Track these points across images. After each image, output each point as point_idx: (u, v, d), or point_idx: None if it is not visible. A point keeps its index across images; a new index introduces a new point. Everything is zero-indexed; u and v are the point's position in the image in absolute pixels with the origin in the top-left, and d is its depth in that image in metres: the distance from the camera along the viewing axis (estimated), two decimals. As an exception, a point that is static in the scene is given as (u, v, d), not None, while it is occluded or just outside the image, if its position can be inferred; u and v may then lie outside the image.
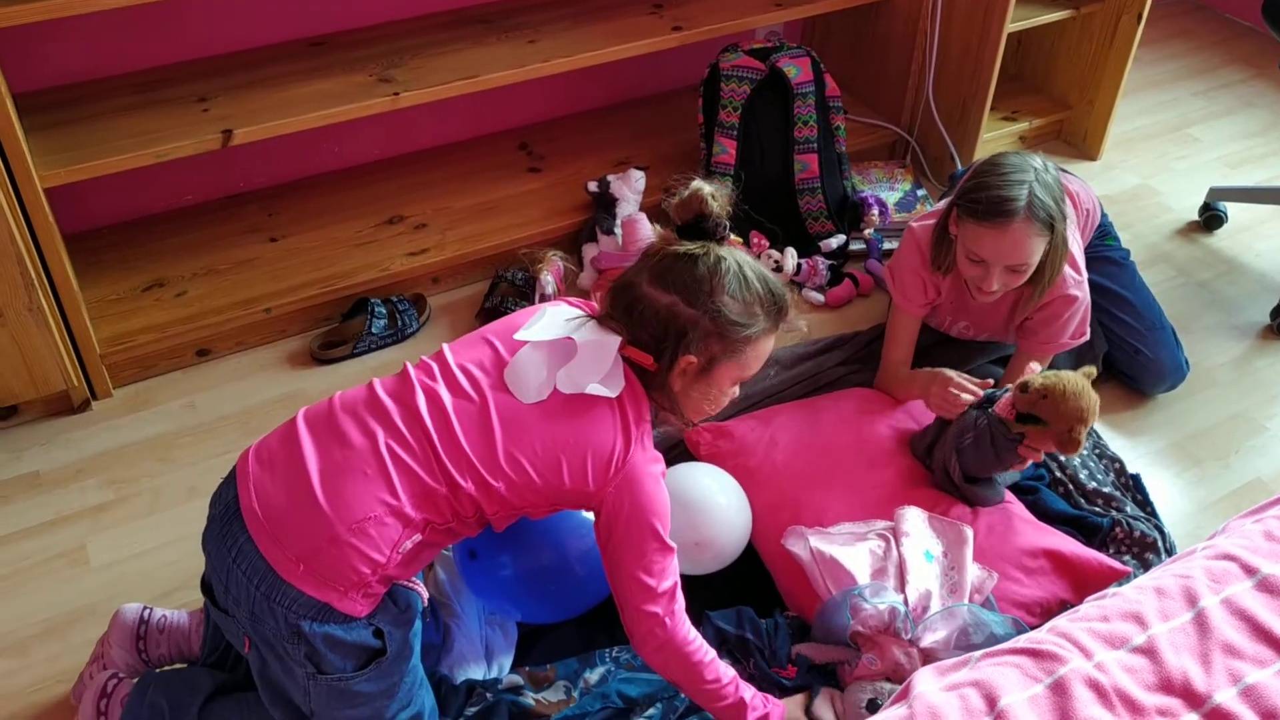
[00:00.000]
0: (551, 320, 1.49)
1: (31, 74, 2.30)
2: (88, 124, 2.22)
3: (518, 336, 1.48)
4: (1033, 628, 1.79)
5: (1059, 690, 1.10)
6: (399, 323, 2.45)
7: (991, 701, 1.10)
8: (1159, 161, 3.13)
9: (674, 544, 1.48)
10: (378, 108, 2.33)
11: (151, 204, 2.61)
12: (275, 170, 2.71)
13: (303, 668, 1.41)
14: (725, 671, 1.53)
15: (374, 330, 2.41)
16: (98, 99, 2.30)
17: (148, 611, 1.73)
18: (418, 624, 1.51)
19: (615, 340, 1.45)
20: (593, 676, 1.76)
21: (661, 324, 1.44)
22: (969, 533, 1.84)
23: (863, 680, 1.65)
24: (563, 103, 3.01)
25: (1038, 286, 1.99)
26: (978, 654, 1.20)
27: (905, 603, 1.71)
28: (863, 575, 1.74)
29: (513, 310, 2.45)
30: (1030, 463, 1.95)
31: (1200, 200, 2.90)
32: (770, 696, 1.59)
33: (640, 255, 1.50)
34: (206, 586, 1.51)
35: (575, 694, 1.74)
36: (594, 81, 2.95)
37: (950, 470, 1.93)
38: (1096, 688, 1.10)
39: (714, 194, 1.52)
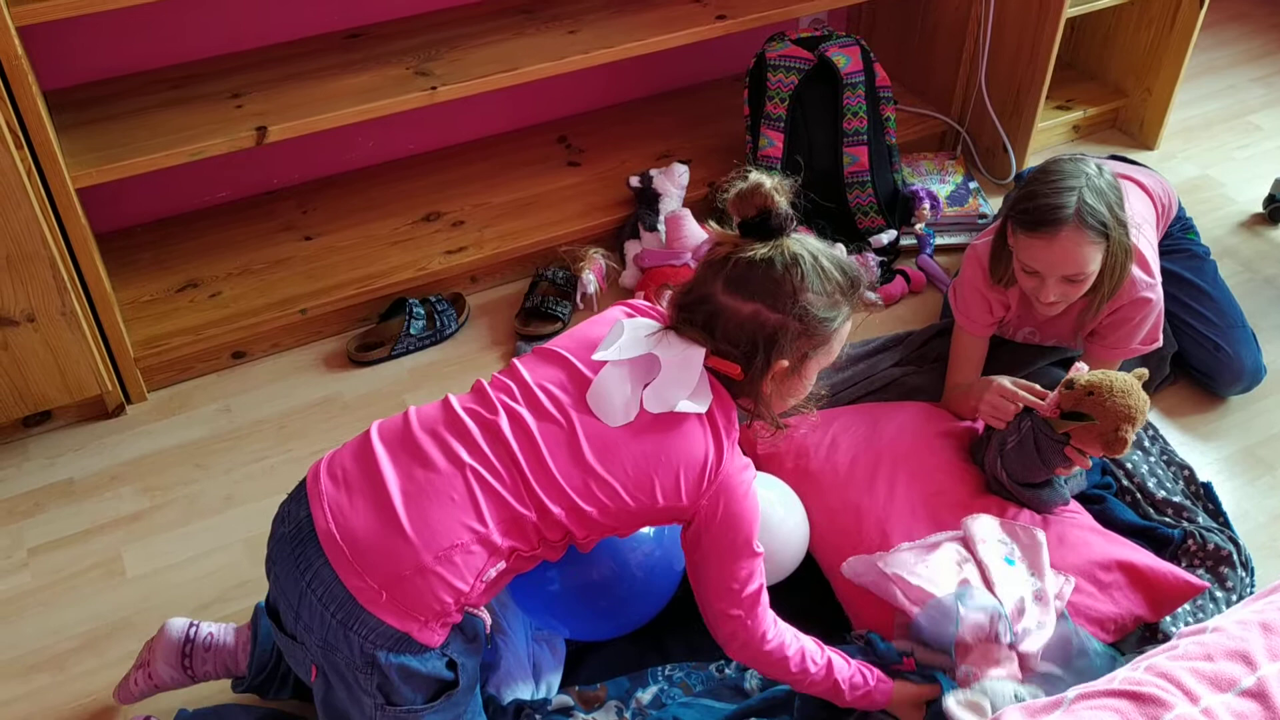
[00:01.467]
0: (631, 337, 1.42)
1: (62, 71, 2.25)
2: (119, 122, 2.17)
3: (597, 357, 1.41)
4: (1111, 646, 1.74)
5: (1164, 739, 1.02)
6: (438, 323, 2.39)
7: (1092, 751, 1.02)
8: (1219, 151, 3.02)
9: (762, 548, 1.45)
10: (415, 102, 2.26)
11: (184, 202, 2.56)
12: (309, 166, 2.66)
13: (372, 698, 1.35)
14: (813, 658, 1.52)
15: (412, 331, 2.35)
16: (129, 96, 2.25)
17: (194, 629, 1.67)
18: (482, 650, 1.45)
19: (700, 353, 1.39)
20: (645, 696, 1.70)
21: (748, 334, 1.38)
22: (1042, 536, 1.77)
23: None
24: (602, 94, 2.93)
25: (1098, 296, 1.90)
26: (1071, 694, 1.12)
27: (1001, 605, 1.64)
28: (949, 584, 1.66)
29: (554, 310, 2.40)
30: (1079, 470, 1.88)
31: (1264, 191, 2.79)
32: (879, 672, 1.57)
33: (704, 262, 1.43)
34: (273, 610, 1.45)
35: (628, 714, 1.68)
36: (635, 72, 2.87)
37: (999, 475, 1.86)
38: (1205, 736, 1.02)
39: (776, 187, 1.40)
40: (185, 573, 1.94)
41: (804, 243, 1.41)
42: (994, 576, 1.68)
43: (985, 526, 1.77)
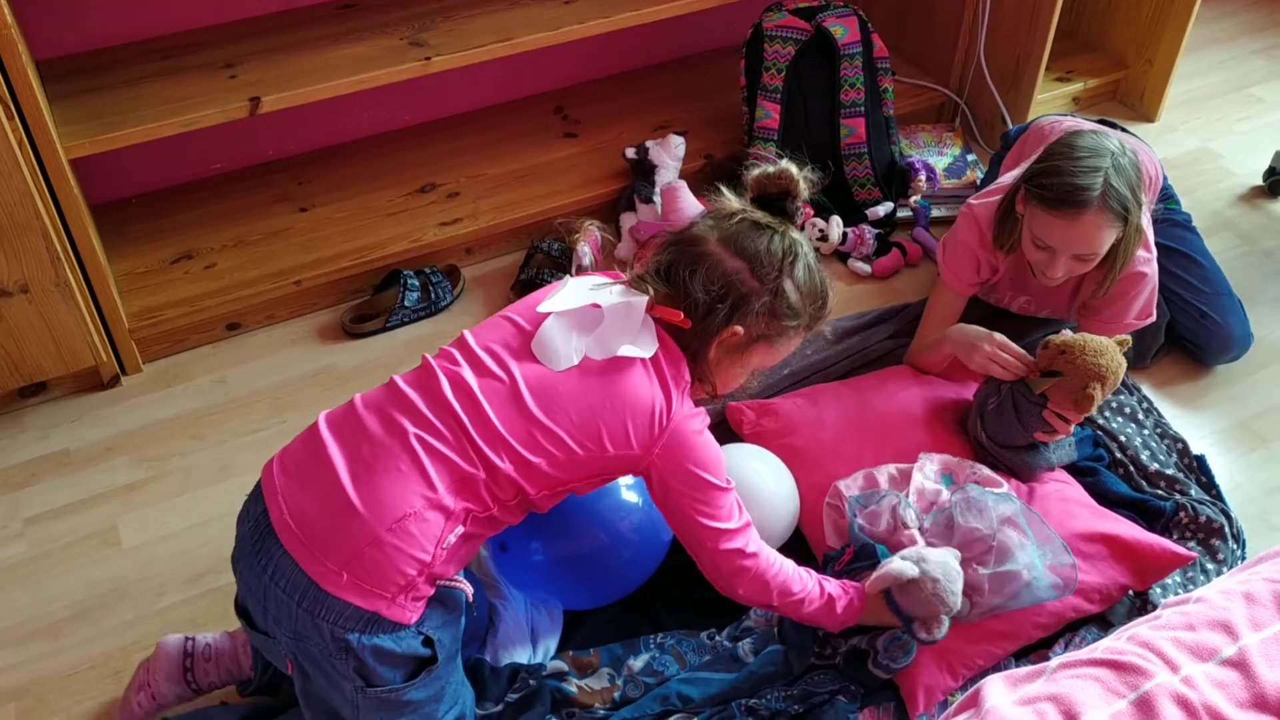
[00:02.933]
0: (574, 289, 1.46)
1: (54, 40, 2.24)
2: (112, 92, 2.16)
3: (541, 309, 1.44)
4: (1095, 616, 1.75)
5: (1144, 707, 1.03)
6: (432, 295, 2.38)
7: (1071, 718, 1.02)
8: (1220, 123, 3.00)
9: (732, 483, 1.47)
10: (409, 73, 2.25)
11: (178, 174, 2.55)
12: (304, 137, 2.65)
13: (351, 682, 1.35)
14: (807, 578, 1.56)
15: (407, 303, 2.35)
16: (122, 66, 2.23)
17: (190, 642, 1.66)
18: (462, 621, 1.45)
19: (642, 300, 1.42)
20: (636, 664, 1.71)
21: (722, 287, 1.41)
22: (1003, 484, 1.82)
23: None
24: (599, 65, 2.91)
25: (1109, 275, 1.89)
26: (1054, 663, 1.13)
27: (906, 495, 1.74)
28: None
29: (549, 282, 2.39)
30: (1069, 440, 1.89)
31: (1265, 164, 2.77)
32: (845, 580, 1.62)
33: (706, 213, 1.45)
34: (241, 610, 1.45)
35: (619, 681, 1.69)
36: (631, 42, 2.85)
37: (980, 438, 1.88)
38: (1185, 704, 1.03)
39: (806, 178, 1.47)
40: (181, 543, 1.94)
41: (805, 240, 1.47)
42: (913, 480, 1.78)
43: (935, 460, 1.84)
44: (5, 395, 2.14)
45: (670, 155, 2.56)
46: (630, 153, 2.57)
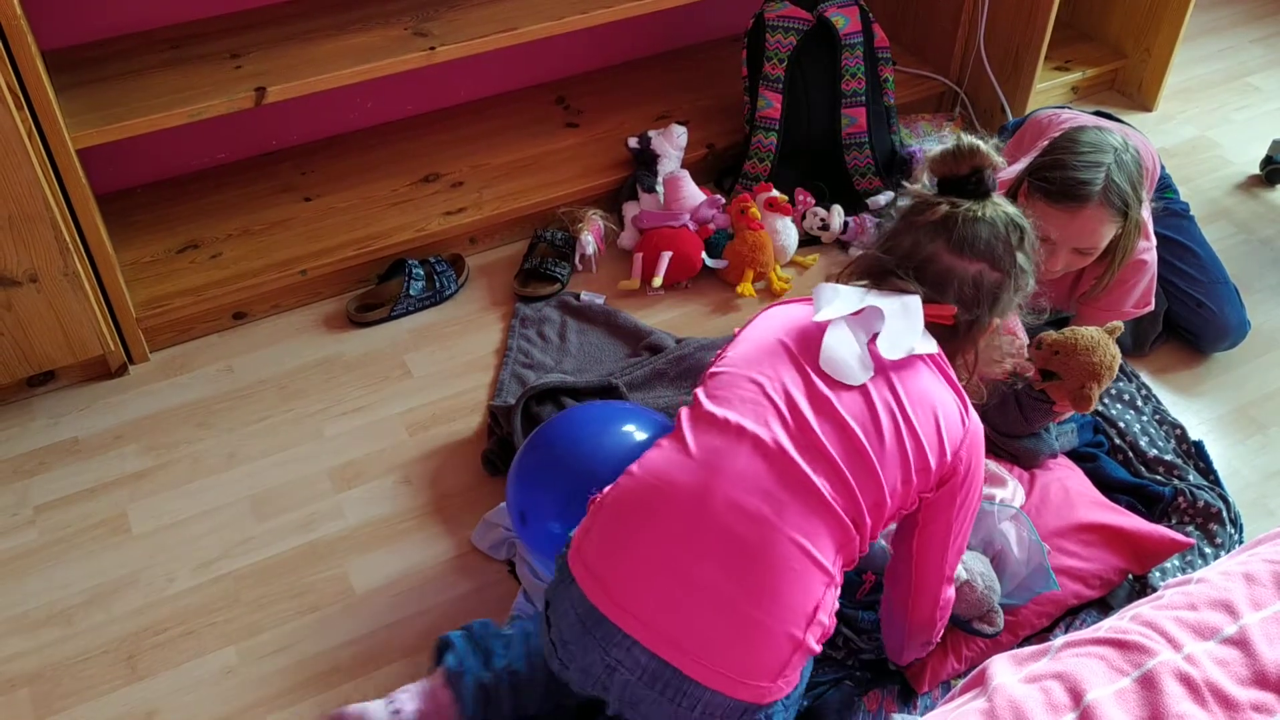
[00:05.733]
0: (845, 294, 1.36)
1: (61, 31, 2.24)
2: (119, 82, 2.17)
3: (819, 318, 1.34)
4: (1096, 601, 1.77)
5: (1148, 684, 1.05)
6: (437, 284, 2.40)
7: (1077, 696, 1.05)
8: (1218, 112, 3.02)
9: None
10: (413, 63, 2.26)
11: (183, 163, 2.57)
12: (308, 127, 2.66)
13: None
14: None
15: (411, 292, 2.37)
16: (128, 56, 2.24)
17: (397, 715, 1.51)
18: None
19: (915, 299, 1.35)
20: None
21: (973, 292, 1.38)
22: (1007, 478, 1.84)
23: None
24: (601, 54, 2.93)
25: (1109, 268, 1.91)
26: (1058, 642, 1.15)
27: None
28: None
29: (552, 272, 2.41)
30: (1071, 426, 1.91)
31: (1261, 153, 2.79)
32: None
33: (916, 224, 1.37)
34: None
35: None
36: (633, 32, 2.86)
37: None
38: (1188, 682, 1.05)
39: (993, 148, 1.38)
40: (190, 530, 1.96)
41: (1006, 202, 1.42)
42: None
43: None
44: (14, 384, 2.16)
45: (672, 145, 2.58)
46: (633, 142, 2.59)
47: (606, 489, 1.38)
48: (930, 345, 1.35)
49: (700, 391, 1.38)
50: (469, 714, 1.51)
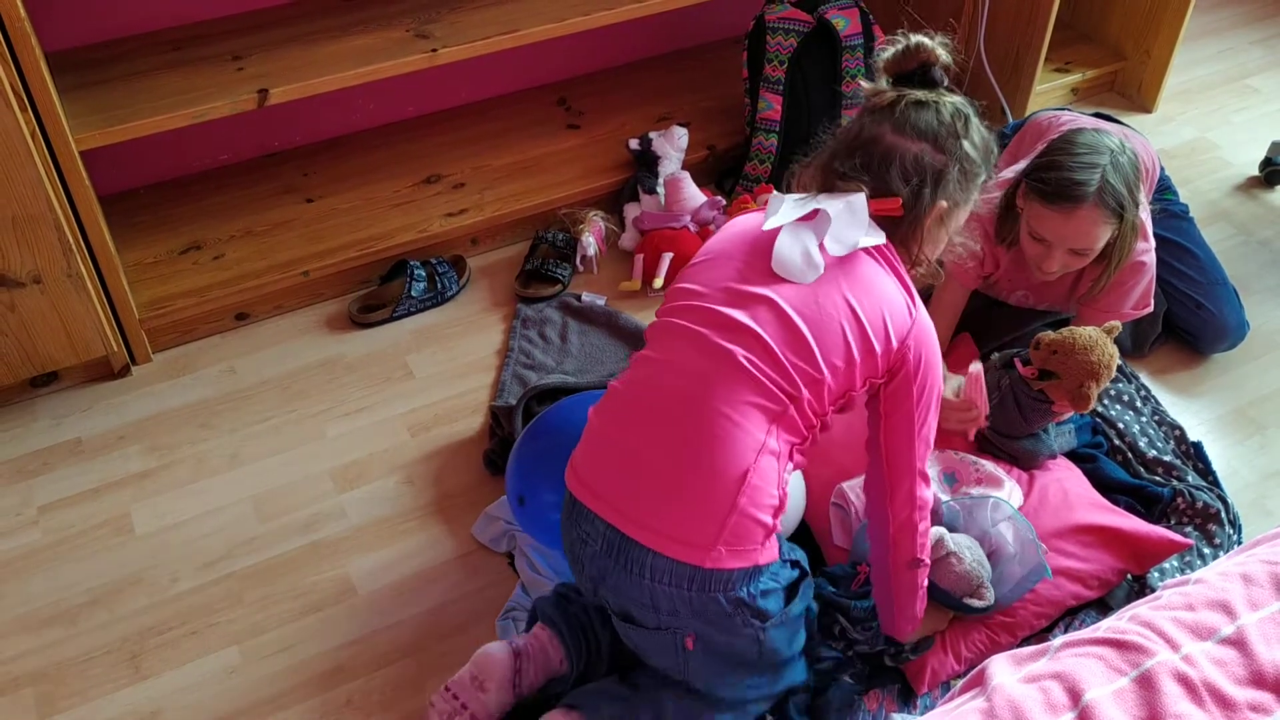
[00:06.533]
0: (791, 203, 1.44)
1: (64, 33, 2.25)
2: (121, 84, 2.17)
3: (768, 226, 1.42)
4: (1094, 601, 1.78)
5: (1146, 684, 1.06)
6: (438, 285, 2.41)
7: (1075, 696, 1.06)
8: (1217, 114, 3.03)
9: None
10: (415, 64, 2.27)
11: (186, 164, 2.57)
12: (310, 128, 2.66)
13: (751, 627, 1.43)
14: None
15: (413, 293, 2.37)
16: (131, 58, 2.25)
17: (514, 642, 1.63)
18: None
19: (860, 196, 1.41)
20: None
21: (915, 172, 1.42)
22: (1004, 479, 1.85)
23: None
24: (602, 56, 2.93)
25: (1106, 270, 1.92)
26: (1056, 642, 1.16)
27: None
28: None
29: (553, 273, 2.42)
30: (1069, 426, 1.92)
31: (1261, 154, 2.80)
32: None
33: (866, 110, 1.46)
34: (619, 614, 1.50)
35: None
36: (634, 34, 2.87)
37: (982, 431, 1.90)
38: (1185, 682, 1.06)
39: (938, 44, 1.47)
40: (193, 530, 1.97)
41: (958, 98, 1.47)
42: None
43: (938, 456, 1.88)
44: (17, 385, 2.17)
45: (673, 146, 2.59)
46: (633, 144, 2.60)
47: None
48: (877, 237, 1.42)
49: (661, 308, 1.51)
50: (569, 644, 1.62)
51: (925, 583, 1.58)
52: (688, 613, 1.40)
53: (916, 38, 1.46)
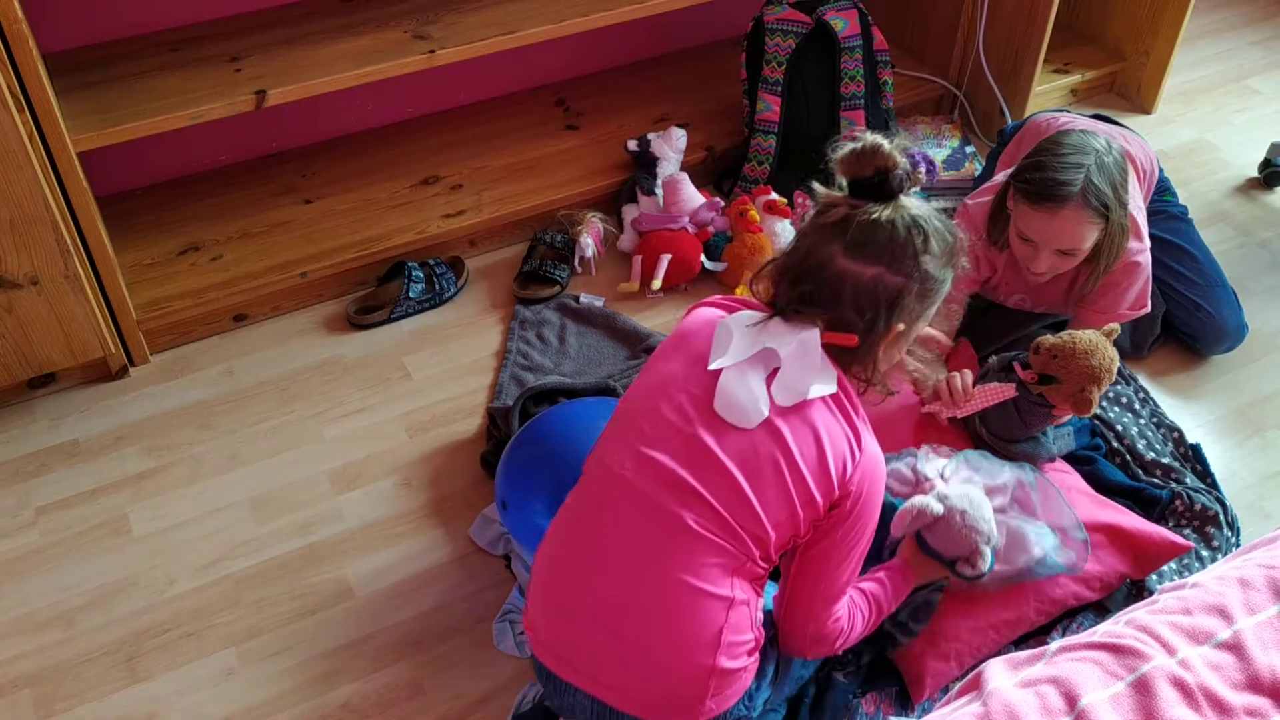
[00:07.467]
0: (740, 337, 1.37)
1: (61, 34, 2.25)
2: (119, 85, 2.17)
3: (714, 365, 1.36)
4: (1093, 603, 1.78)
5: (1142, 689, 1.06)
6: (436, 286, 2.41)
7: (1071, 700, 1.05)
8: (1216, 115, 3.02)
9: None
10: (413, 66, 2.27)
11: (184, 165, 2.57)
12: (308, 130, 2.66)
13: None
14: (871, 595, 1.55)
15: (411, 295, 2.37)
16: (128, 59, 2.25)
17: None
18: None
19: (814, 333, 1.35)
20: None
21: (869, 298, 1.34)
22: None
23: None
24: (600, 57, 2.93)
25: (1095, 271, 1.93)
26: (1053, 646, 1.16)
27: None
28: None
29: (552, 274, 2.42)
30: (1068, 429, 1.92)
31: (1260, 156, 2.80)
32: (879, 570, 1.61)
33: (814, 227, 1.37)
34: None
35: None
36: (633, 35, 2.87)
37: (980, 432, 1.90)
38: (1181, 686, 1.06)
39: (896, 148, 1.36)
40: (191, 531, 1.97)
41: (913, 203, 1.38)
42: (926, 461, 1.77)
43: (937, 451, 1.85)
44: (15, 386, 2.16)
45: (672, 147, 2.58)
46: (632, 145, 2.59)
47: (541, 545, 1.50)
48: (828, 385, 1.35)
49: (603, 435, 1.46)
50: None
51: (886, 601, 1.57)
52: None
53: (873, 139, 1.35)
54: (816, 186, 1.41)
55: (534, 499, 1.73)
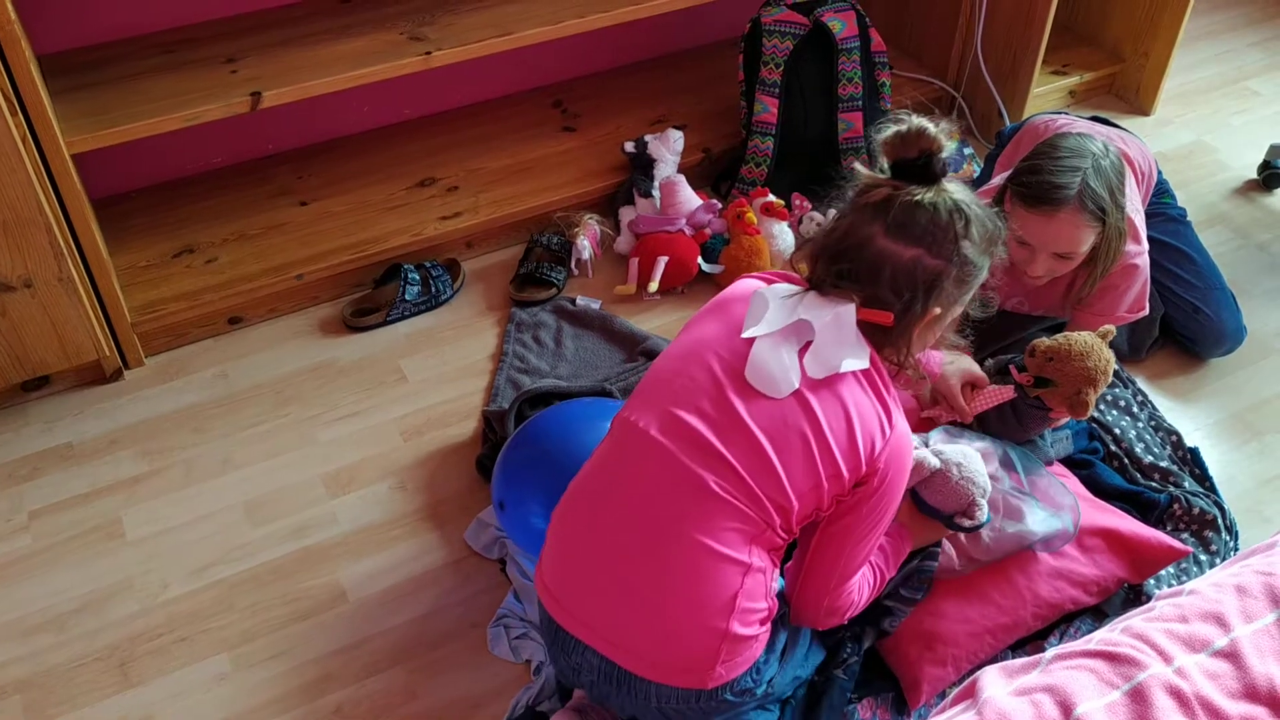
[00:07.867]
0: (775, 308, 1.38)
1: (55, 35, 2.24)
2: (113, 87, 2.16)
3: (748, 334, 1.37)
4: (1090, 608, 1.77)
5: (1138, 698, 1.05)
6: (433, 289, 2.40)
7: (1066, 709, 1.04)
8: (1215, 117, 3.01)
9: None
10: (410, 67, 2.26)
11: (179, 167, 2.56)
12: (304, 131, 2.65)
13: (755, 698, 1.44)
14: (874, 564, 1.55)
15: (408, 297, 2.36)
16: (123, 60, 2.24)
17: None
18: None
19: (850, 308, 1.35)
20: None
21: (908, 279, 1.34)
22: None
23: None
24: (597, 58, 2.92)
25: (1092, 274, 1.92)
26: (1049, 654, 1.15)
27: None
28: None
29: (549, 276, 2.41)
30: (1066, 433, 1.91)
31: (1259, 158, 2.79)
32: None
33: (857, 206, 1.37)
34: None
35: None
36: (630, 36, 2.86)
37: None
38: (1178, 695, 1.05)
39: (941, 131, 1.34)
40: (185, 535, 1.96)
41: (956, 187, 1.38)
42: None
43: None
44: (9, 389, 2.16)
45: (669, 149, 2.58)
46: (629, 146, 2.59)
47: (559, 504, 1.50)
48: (860, 360, 1.36)
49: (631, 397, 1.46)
50: None
51: (889, 564, 1.59)
52: (697, 714, 1.41)
53: (919, 121, 1.34)
54: (859, 167, 1.41)
55: (531, 499, 1.72)
